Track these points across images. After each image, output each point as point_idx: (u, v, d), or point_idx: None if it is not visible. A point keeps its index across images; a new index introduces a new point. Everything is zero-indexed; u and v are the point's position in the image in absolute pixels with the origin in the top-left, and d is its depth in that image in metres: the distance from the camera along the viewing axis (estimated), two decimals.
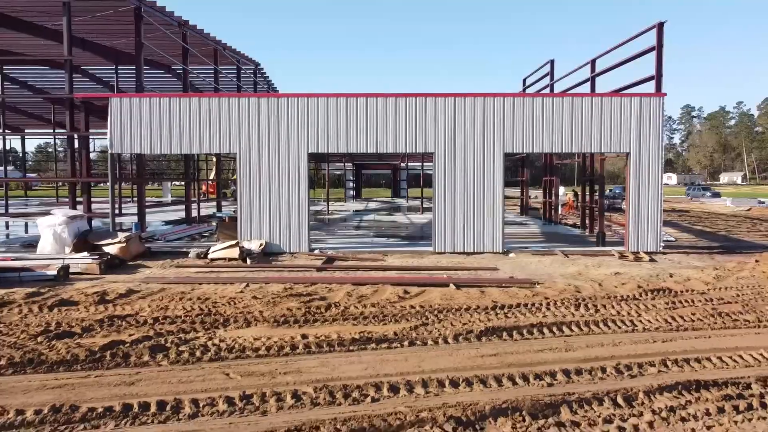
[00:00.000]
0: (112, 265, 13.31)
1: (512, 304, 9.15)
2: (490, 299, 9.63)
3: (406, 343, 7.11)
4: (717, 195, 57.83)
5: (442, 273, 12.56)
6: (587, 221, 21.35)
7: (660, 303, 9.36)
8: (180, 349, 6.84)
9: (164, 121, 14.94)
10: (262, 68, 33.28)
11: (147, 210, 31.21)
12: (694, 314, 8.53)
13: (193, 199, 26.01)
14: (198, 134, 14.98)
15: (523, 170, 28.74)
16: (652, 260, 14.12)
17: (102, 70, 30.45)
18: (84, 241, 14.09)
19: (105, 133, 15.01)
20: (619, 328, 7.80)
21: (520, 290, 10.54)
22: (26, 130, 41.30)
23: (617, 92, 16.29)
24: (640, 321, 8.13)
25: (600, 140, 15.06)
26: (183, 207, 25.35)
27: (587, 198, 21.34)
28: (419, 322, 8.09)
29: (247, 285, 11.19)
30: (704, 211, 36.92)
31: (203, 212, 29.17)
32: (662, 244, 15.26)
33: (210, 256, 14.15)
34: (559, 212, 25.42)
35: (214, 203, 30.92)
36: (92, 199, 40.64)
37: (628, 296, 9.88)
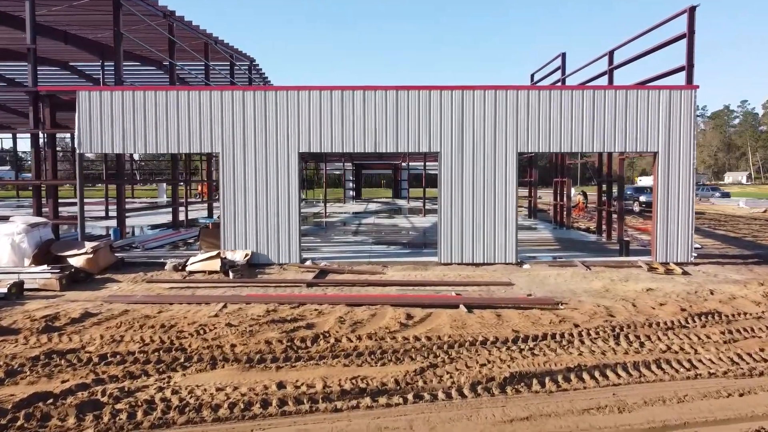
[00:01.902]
0: (76, 279, 11.76)
1: (537, 335, 7.58)
2: (510, 328, 8.06)
3: (410, 396, 5.55)
4: (727, 195, 56.20)
5: (450, 289, 11.00)
6: (603, 226, 19.78)
7: (714, 332, 7.79)
8: (117, 407, 5.28)
9: (138, 117, 13.38)
10: (258, 64, 31.67)
11: (136, 213, 29.71)
12: (762, 350, 6.96)
13: (181, 199, 24.49)
14: (176, 132, 13.42)
15: (531, 170, 27.19)
16: (685, 273, 12.55)
17: (90, 67, 28.95)
18: (46, 252, 12.54)
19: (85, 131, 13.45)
20: (677, 372, 6.23)
21: (543, 313, 8.97)
22: (18, 129, 39.71)
23: (642, 85, 14.71)
24: (700, 361, 6.56)
25: (625, 138, 13.48)
26: (185, 208, 23.85)
27: (603, 200, 19.77)
28: (426, 362, 6.53)
29: (225, 306, 9.63)
30: (719, 212, 35.32)
31: (196, 215, 27.67)
32: (694, 255, 13.68)
33: (188, 268, 12.59)
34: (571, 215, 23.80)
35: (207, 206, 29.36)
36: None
37: (673, 323, 8.31)
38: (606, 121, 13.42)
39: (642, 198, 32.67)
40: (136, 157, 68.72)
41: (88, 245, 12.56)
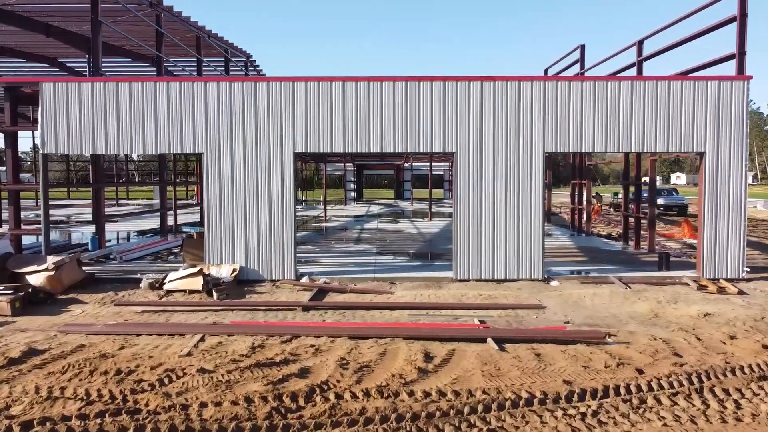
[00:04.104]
0: (35, 301, 10.09)
1: (596, 389, 5.88)
2: (557, 375, 6.36)
3: None
4: None
5: (471, 314, 9.30)
6: (628, 233, 18.10)
7: None
8: None
9: (110, 112, 11.69)
10: (255, 61, 29.97)
11: (125, 217, 28.03)
12: None
13: (172, 201, 22.79)
14: (153, 129, 11.72)
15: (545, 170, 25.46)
16: (741, 292, 10.84)
17: (80, 63, 27.26)
18: (1, 269, 10.86)
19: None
20: None
21: (592, 352, 7.27)
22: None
23: (686, 75, 13.00)
24: None
25: (667, 136, 11.78)
26: (174, 213, 22.21)
27: (630, 205, 18.08)
28: None
29: (202, 339, 7.95)
30: None
31: (192, 219, 25.96)
32: (747, 269, 11.97)
33: (165, 287, 10.90)
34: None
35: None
36: (73, 201, 36.83)
37: (761, 367, 6.60)
38: (646, 117, 11.72)
39: (660, 200, 30.89)
40: (135, 157, 67.29)
41: (51, 260, 10.87)
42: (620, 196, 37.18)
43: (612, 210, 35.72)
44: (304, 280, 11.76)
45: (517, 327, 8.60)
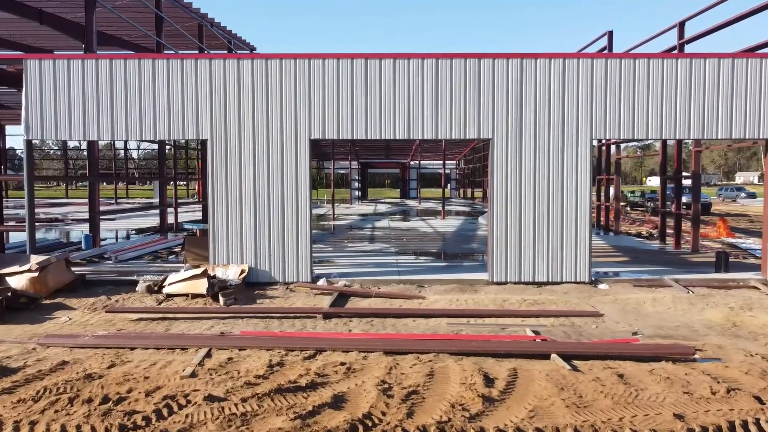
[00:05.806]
0: (15, 306, 8.78)
1: (719, 427, 4.57)
2: (659, 405, 5.04)
3: None
4: (753, 196, 53.23)
5: (520, 323, 7.99)
6: (665, 231, 16.78)
7: None
8: None
9: (104, 94, 10.37)
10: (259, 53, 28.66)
11: (123, 214, 26.74)
12: None
13: (171, 199, 21.47)
14: (152, 112, 10.41)
15: (593, 159, 24.16)
16: None
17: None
18: None
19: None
20: None
21: (685, 372, 5.94)
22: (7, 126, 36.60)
23: (750, 52, 11.69)
24: None
25: (729, 121, 10.46)
26: (174, 210, 20.90)
27: (670, 202, 16.76)
28: None
29: (208, 354, 6.65)
30: (759, 214, 32.21)
31: (193, 218, 24.62)
32: None
33: (165, 290, 9.58)
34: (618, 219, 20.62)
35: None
36: (72, 200, 35.56)
37: None
38: (706, 99, 10.41)
39: (684, 198, 29.57)
40: (134, 155, 65.87)
41: (34, 260, 9.56)
42: (632, 195, 36.08)
43: (630, 209, 34.43)
44: (321, 282, 10.44)
45: (578, 339, 7.28)
